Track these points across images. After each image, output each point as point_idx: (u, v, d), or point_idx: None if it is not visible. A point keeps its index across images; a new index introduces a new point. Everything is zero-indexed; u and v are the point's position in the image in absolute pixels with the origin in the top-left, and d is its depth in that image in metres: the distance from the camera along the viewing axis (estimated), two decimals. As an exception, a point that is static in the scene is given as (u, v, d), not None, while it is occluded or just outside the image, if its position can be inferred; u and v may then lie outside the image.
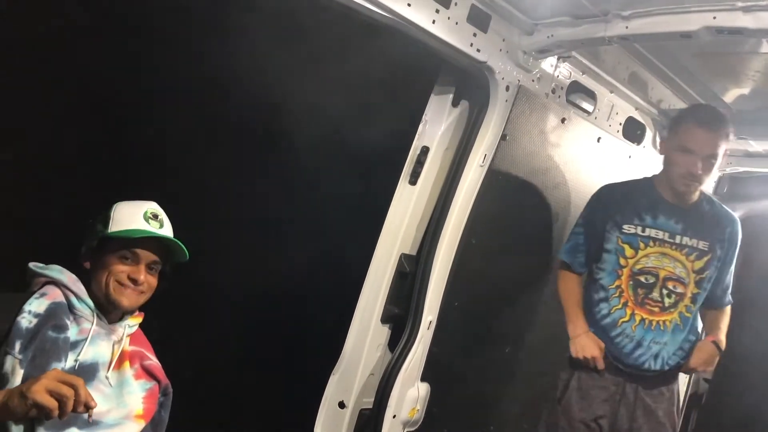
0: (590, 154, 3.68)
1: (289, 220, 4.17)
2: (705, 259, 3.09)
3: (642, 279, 3.06)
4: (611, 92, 3.68)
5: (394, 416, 3.19)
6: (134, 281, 2.07)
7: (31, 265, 2.10)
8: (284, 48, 3.68)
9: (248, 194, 4.10)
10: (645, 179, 3.21)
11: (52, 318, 1.97)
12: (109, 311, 2.10)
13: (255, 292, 3.97)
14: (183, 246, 2.12)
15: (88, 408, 1.72)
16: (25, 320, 1.92)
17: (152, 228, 2.11)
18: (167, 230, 2.17)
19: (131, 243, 2.07)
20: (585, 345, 3.10)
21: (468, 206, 3.19)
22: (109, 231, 2.08)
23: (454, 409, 3.54)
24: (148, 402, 2.15)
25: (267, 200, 4.11)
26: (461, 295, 3.32)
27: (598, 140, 3.68)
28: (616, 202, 3.14)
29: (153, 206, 2.17)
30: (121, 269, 2.07)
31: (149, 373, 2.18)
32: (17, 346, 1.88)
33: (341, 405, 3.21)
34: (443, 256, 3.18)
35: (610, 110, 3.74)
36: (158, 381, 2.20)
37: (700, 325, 3.30)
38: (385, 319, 3.26)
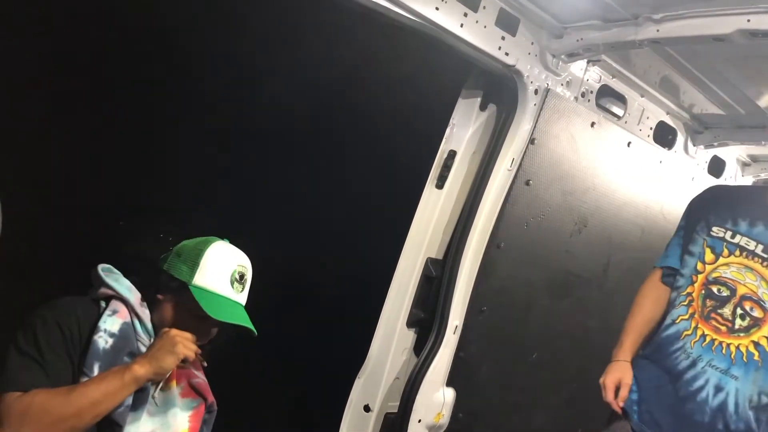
0: (620, 159, 3.63)
1: (315, 222, 4.19)
2: None
3: (714, 289, 2.58)
4: (642, 96, 3.63)
5: (420, 421, 3.18)
6: (200, 340, 2.04)
7: (100, 269, 2.07)
8: (310, 50, 3.71)
9: (276, 196, 4.13)
10: (761, 186, 2.84)
11: (126, 342, 1.97)
12: None
13: (281, 294, 3.99)
14: (253, 328, 2.07)
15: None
16: (102, 340, 1.92)
17: (234, 293, 2.05)
18: (246, 292, 2.11)
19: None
20: (609, 372, 2.68)
21: (495, 211, 3.17)
22: (194, 283, 2.01)
23: (480, 414, 3.52)
24: (193, 420, 2.15)
25: (295, 203, 4.13)
26: (488, 300, 3.29)
27: (629, 145, 3.64)
28: (717, 201, 2.73)
29: (242, 262, 2.10)
30: (192, 327, 2.01)
31: (196, 390, 2.18)
32: (96, 369, 1.89)
33: (366, 408, 3.21)
34: (470, 261, 3.17)
35: (641, 114, 3.69)
36: (204, 399, 2.20)
37: None
38: (410, 323, 3.25)
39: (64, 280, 2.13)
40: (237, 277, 2.06)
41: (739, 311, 2.52)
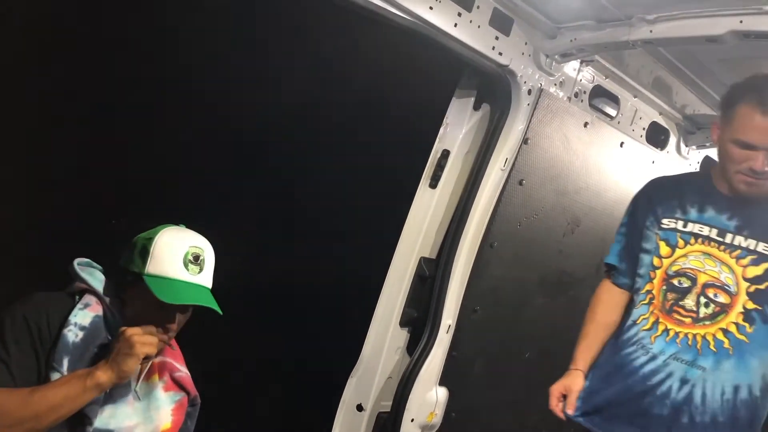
0: (613, 159, 3.65)
1: (308, 222, 4.18)
2: (765, 265, 2.35)
3: (675, 282, 2.44)
4: (635, 97, 3.64)
5: (412, 420, 3.18)
6: (165, 329, 2.00)
7: (76, 263, 2.07)
8: (302, 50, 3.70)
9: (267, 196, 4.12)
10: (703, 171, 2.65)
11: (97, 334, 1.95)
12: None
13: (274, 294, 3.99)
14: (217, 307, 2.03)
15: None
16: (72, 334, 1.90)
17: (191, 275, 2.00)
18: (207, 273, 2.06)
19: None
20: (559, 380, 2.60)
21: (488, 210, 3.18)
22: (146, 272, 1.97)
23: (473, 414, 3.52)
24: (176, 414, 2.14)
25: (288, 203, 4.13)
26: (481, 300, 3.30)
27: (621, 145, 3.65)
28: (662, 193, 2.59)
29: (196, 243, 2.05)
30: (155, 317, 1.98)
31: (178, 384, 2.17)
32: (65, 363, 1.87)
33: (359, 408, 3.22)
34: (463, 260, 3.17)
35: (634, 115, 3.71)
36: (187, 392, 2.19)
37: None
38: (403, 323, 3.25)
39: (51, 278, 2.12)
40: (191, 258, 2.01)
41: (702, 300, 2.39)
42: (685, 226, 2.46)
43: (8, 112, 3.18)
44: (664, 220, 2.50)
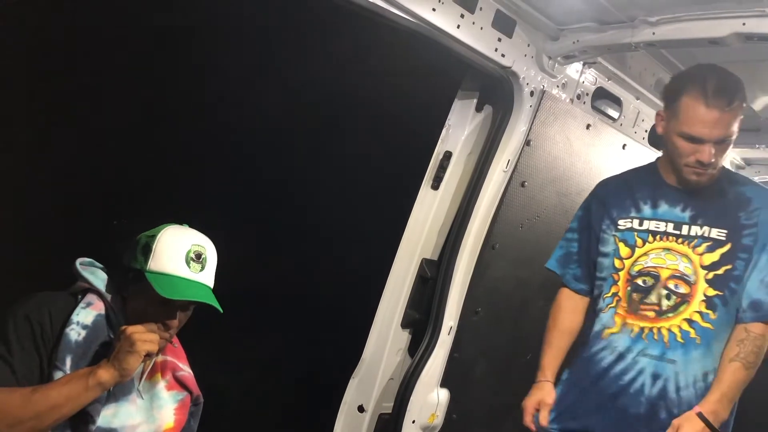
0: (615, 161, 3.64)
1: (310, 222, 4.18)
2: (720, 251, 2.35)
3: (640, 282, 2.42)
4: (637, 99, 3.64)
5: (414, 421, 3.18)
6: (167, 326, 2.01)
7: (78, 263, 2.07)
8: (305, 50, 3.71)
9: (269, 197, 4.13)
10: (647, 164, 2.64)
11: (100, 332, 1.96)
12: None
13: (275, 295, 3.99)
14: (218, 305, 2.03)
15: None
16: (74, 332, 1.91)
17: (192, 272, 2.01)
18: (208, 272, 2.07)
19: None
20: (530, 394, 2.58)
21: (490, 212, 3.17)
22: (148, 269, 1.98)
23: (474, 415, 3.52)
24: (179, 413, 2.14)
25: (290, 204, 4.13)
26: (482, 301, 3.30)
27: (624, 147, 3.65)
28: (613, 194, 2.58)
29: (198, 241, 2.06)
30: (156, 314, 1.98)
31: (181, 384, 2.17)
32: (68, 362, 1.87)
33: (360, 409, 3.21)
34: (465, 262, 3.17)
35: (636, 117, 3.70)
36: (190, 392, 2.19)
37: None
38: (405, 324, 3.25)
39: (53, 279, 2.12)
40: (193, 256, 2.02)
41: (664, 292, 2.38)
42: (641, 224, 2.45)
43: (10, 113, 3.18)
44: (620, 221, 2.48)
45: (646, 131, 3.79)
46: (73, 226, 3.55)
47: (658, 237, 2.42)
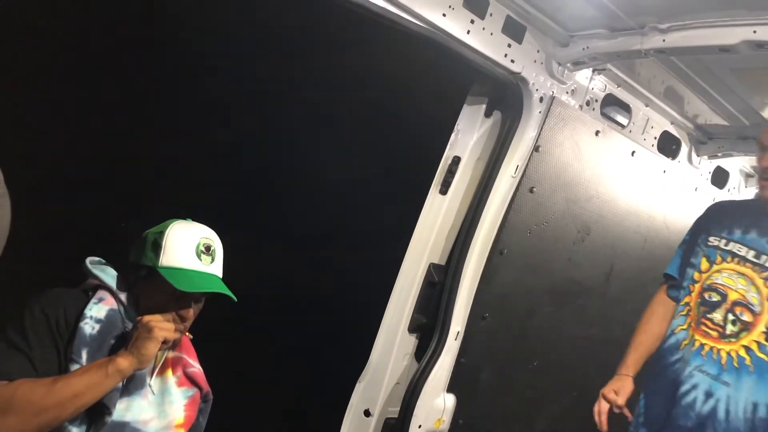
0: (624, 168, 3.64)
1: (319, 226, 4.19)
2: None
3: (707, 296, 2.57)
4: (646, 106, 3.64)
5: (420, 426, 3.17)
6: (182, 318, 2.05)
7: (88, 261, 2.11)
8: (317, 54, 3.71)
9: (278, 201, 4.13)
10: (760, 198, 2.72)
11: (113, 327, 1.99)
12: None
13: (284, 297, 3.99)
14: (231, 293, 2.07)
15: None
16: (88, 326, 1.94)
17: (204, 265, 2.06)
18: (218, 263, 2.11)
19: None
20: (609, 384, 2.69)
21: (499, 217, 3.17)
22: (161, 265, 2.02)
23: (480, 421, 3.51)
24: (189, 409, 2.16)
25: (299, 207, 4.14)
26: (490, 307, 3.29)
27: (633, 154, 3.64)
28: (717, 214, 2.76)
29: (206, 234, 2.11)
30: (171, 307, 2.02)
31: (191, 380, 2.20)
32: (84, 354, 1.90)
33: (366, 413, 3.21)
34: (473, 267, 3.17)
35: (645, 124, 3.70)
36: (200, 388, 2.22)
37: None
38: (412, 329, 3.25)
39: (65, 279, 2.14)
40: (203, 249, 2.07)
41: (730, 317, 2.49)
42: (727, 244, 2.59)
43: (17, 119, 3.20)
44: (711, 239, 2.65)
45: (655, 138, 3.78)
46: (81, 227, 3.57)
47: (736, 260, 2.55)
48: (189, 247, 2.05)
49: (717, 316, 2.52)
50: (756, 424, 2.37)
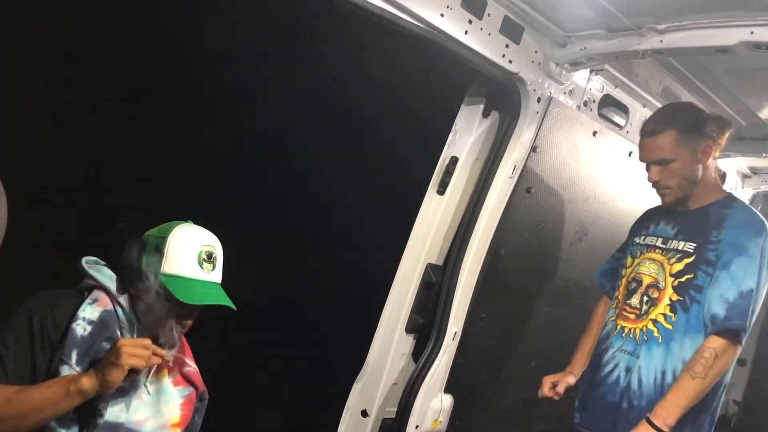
0: (621, 169, 3.64)
1: (316, 226, 4.19)
2: (686, 261, 2.64)
3: (630, 286, 2.81)
4: (644, 106, 3.64)
5: (417, 427, 3.17)
6: (183, 325, 2.05)
7: (84, 261, 2.09)
8: (313, 54, 3.71)
9: (274, 201, 4.13)
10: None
11: (105, 328, 1.97)
12: None
13: (281, 297, 3.99)
14: (233, 305, 2.07)
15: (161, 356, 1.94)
16: (80, 328, 1.92)
17: (205, 273, 2.04)
18: (218, 270, 2.10)
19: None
20: (555, 376, 2.97)
21: (496, 217, 3.17)
22: (163, 272, 2.00)
23: (478, 421, 3.51)
24: (185, 409, 2.16)
25: (296, 207, 4.14)
26: (487, 307, 3.29)
27: (630, 154, 3.65)
28: (642, 219, 3.01)
29: (208, 241, 2.09)
30: (171, 315, 2.02)
31: (187, 379, 2.19)
32: (74, 356, 1.89)
33: (364, 413, 3.21)
34: (470, 267, 3.17)
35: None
36: (196, 387, 2.21)
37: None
38: (409, 329, 3.25)
39: (63, 279, 2.14)
40: (205, 257, 2.05)
41: (645, 298, 2.72)
42: (644, 239, 2.85)
43: (15, 116, 3.20)
44: (635, 239, 2.90)
45: (652, 139, 3.78)
46: (76, 227, 3.57)
47: (649, 250, 2.81)
48: (191, 255, 2.04)
49: (634, 300, 2.75)
50: (665, 390, 2.55)
